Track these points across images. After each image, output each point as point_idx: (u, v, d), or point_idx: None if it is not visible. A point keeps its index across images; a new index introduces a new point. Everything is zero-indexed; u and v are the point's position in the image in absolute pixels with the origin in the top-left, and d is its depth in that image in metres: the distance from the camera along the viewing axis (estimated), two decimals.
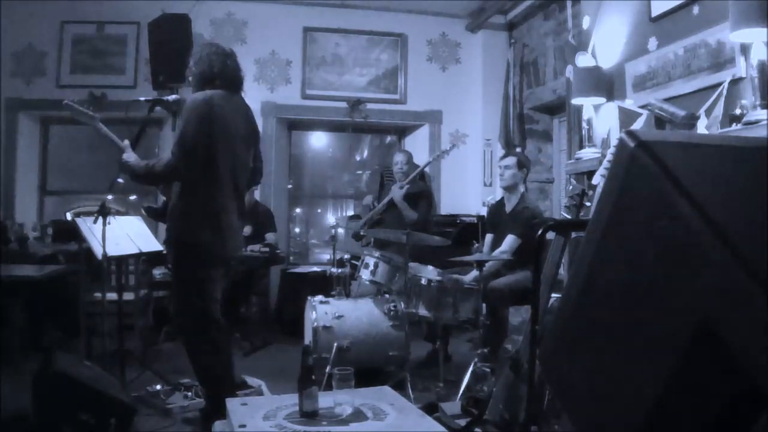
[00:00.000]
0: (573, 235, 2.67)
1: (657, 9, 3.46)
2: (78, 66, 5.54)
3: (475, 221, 5.20)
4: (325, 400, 1.95)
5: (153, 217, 3.09)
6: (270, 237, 5.14)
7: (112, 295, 3.74)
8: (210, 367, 2.68)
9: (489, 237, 4.11)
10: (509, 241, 3.80)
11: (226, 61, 2.74)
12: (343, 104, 5.91)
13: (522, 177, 4.01)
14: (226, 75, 2.72)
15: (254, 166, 2.97)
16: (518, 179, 3.97)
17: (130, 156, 2.68)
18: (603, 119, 3.95)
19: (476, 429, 2.61)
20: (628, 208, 1.10)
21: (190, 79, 2.77)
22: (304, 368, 1.94)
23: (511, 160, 3.99)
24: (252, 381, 3.34)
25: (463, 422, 2.73)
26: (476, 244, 3.94)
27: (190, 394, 3.26)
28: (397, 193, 4.45)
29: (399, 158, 4.67)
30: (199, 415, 2.92)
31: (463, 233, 4.90)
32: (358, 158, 7.33)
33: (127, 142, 2.72)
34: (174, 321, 2.77)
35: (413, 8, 5.97)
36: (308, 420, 1.87)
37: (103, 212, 3.05)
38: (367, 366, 3.60)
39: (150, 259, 4.40)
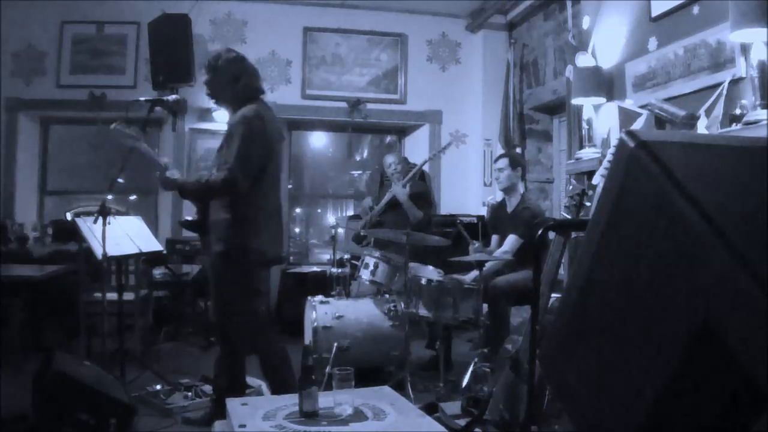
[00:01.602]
0: (573, 235, 2.67)
1: (657, 9, 3.46)
2: (78, 66, 5.53)
3: (475, 221, 5.20)
4: (325, 400, 1.95)
5: (190, 228, 3.13)
6: None
7: (112, 295, 3.74)
8: (279, 365, 2.78)
9: (495, 238, 4.11)
10: (511, 240, 3.80)
11: (249, 71, 2.84)
12: (343, 104, 5.91)
13: (518, 176, 3.99)
14: (249, 86, 2.82)
15: None
16: (514, 179, 3.96)
17: (174, 173, 2.78)
18: (603, 119, 3.95)
19: (476, 429, 2.61)
20: (628, 208, 1.10)
21: (209, 92, 2.83)
22: (304, 368, 1.94)
23: (504, 162, 3.98)
24: (252, 381, 3.34)
25: (463, 422, 2.73)
26: (476, 244, 3.93)
27: (190, 394, 3.26)
28: (400, 192, 4.42)
29: (390, 159, 4.68)
30: (204, 417, 2.92)
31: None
32: (358, 158, 7.33)
33: (167, 160, 2.82)
34: (218, 323, 2.86)
35: (413, 8, 5.97)
36: (308, 420, 1.87)
37: (103, 212, 3.05)
38: (367, 366, 3.61)
39: (150, 259, 4.40)
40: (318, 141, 7.00)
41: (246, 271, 2.72)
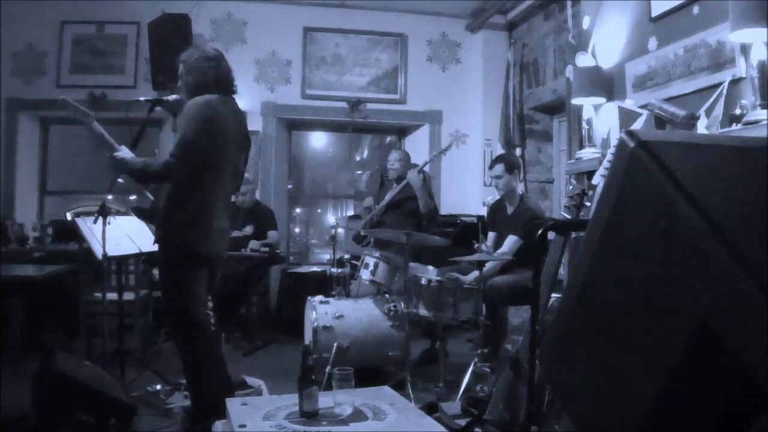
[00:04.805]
0: (573, 235, 2.67)
1: (657, 9, 3.46)
2: (78, 66, 5.53)
3: (475, 221, 5.20)
4: (325, 400, 1.95)
5: (141, 217, 3.09)
6: (272, 235, 5.14)
7: (112, 295, 3.74)
8: (193, 366, 2.69)
9: (491, 235, 4.11)
10: (511, 241, 3.79)
11: (218, 66, 2.75)
12: (343, 104, 5.91)
13: (515, 178, 3.95)
14: (219, 81, 2.74)
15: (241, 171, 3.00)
16: (513, 183, 3.94)
17: (126, 153, 2.67)
18: (603, 119, 3.95)
19: (476, 429, 2.61)
20: (628, 208, 1.10)
21: (181, 86, 2.78)
22: (304, 368, 1.94)
23: (500, 168, 3.93)
24: (252, 381, 3.34)
25: (463, 422, 2.73)
26: (476, 244, 3.94)
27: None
28: (415, 178, 4.37)
29: (393, 156, 4.67)
30: (183, 415, 2.92)
31: (463, 233, 4.90)
32: (358, 158, 7.33)
33: (123, 147, 2.72)
34: (164, 319, 2.80)
35: (413, 8, 5.97)
36: (308, 420, 1.87)
37: (103, 212, 3.05)
38: (367, 366, 3.60)
39: (150, 259, 4.40)
40: (318, 141, 7.00)
41: (178, 267, 2.64)
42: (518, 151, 5.49)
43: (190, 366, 2.68)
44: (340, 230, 4.82)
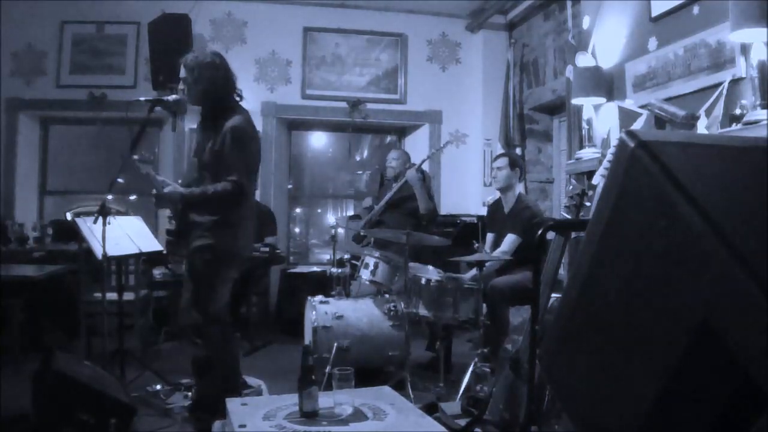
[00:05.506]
0: (573, 235, 2.67)
1: (657, 9, 3.46)
2: (78, 66, 5.53)
3: (475, 221, 5.20)
4: (325, 400, 1.95)
5: (175, 237, 3.17)
6: (269, 240, 5.15)
7: (112, 295, 3.74)
8: (218, 363, 2.80)
9: (490, 236, 4.11)
10: (509, 240, 3.79)
11: (226, 74, 2.83)
12: (343, 104, 5.91)
13: (516, 176, 3.97)
14: (228, 89, 2.84)
15: None
16: (512, 179, 3.94)
17: (176, 187, 2.79)
18: (603, 119, 3.95)
19: (476, 429, 2.61)
20: (628, 208, 1.10)
21: (187, 91, 2.82)
22: (304, 368, 1.94)
23: (503, 161, 3.97)
24: (252, 381, 3.34)
25: (463, 422, 2.73)
26: (476, 244, 3.94)
27: (190, 394, 3.26)
28: (413, 177, 4.36)
29: (391, 155, 4.67)
30: (183, 415, 2.94)
31: (463, 233, 4.90)
32: (358, 158, 7.32)
33: (163, 178, 2.83)
34: (189, 319, 2.88)
35: (413, 8, 5.97)
36: (308, 420, 1.87)
37: (103, 212, 3.05)
38: (367, 366, 3.60)
39: (150, 259, 4.40)
40: (318, 141, 7.00)
41: (218, 268, 2.80)
42: (518, 151, 5.49)
43: (215, 363, 2.79)
44: (340, 230, 4.82)
